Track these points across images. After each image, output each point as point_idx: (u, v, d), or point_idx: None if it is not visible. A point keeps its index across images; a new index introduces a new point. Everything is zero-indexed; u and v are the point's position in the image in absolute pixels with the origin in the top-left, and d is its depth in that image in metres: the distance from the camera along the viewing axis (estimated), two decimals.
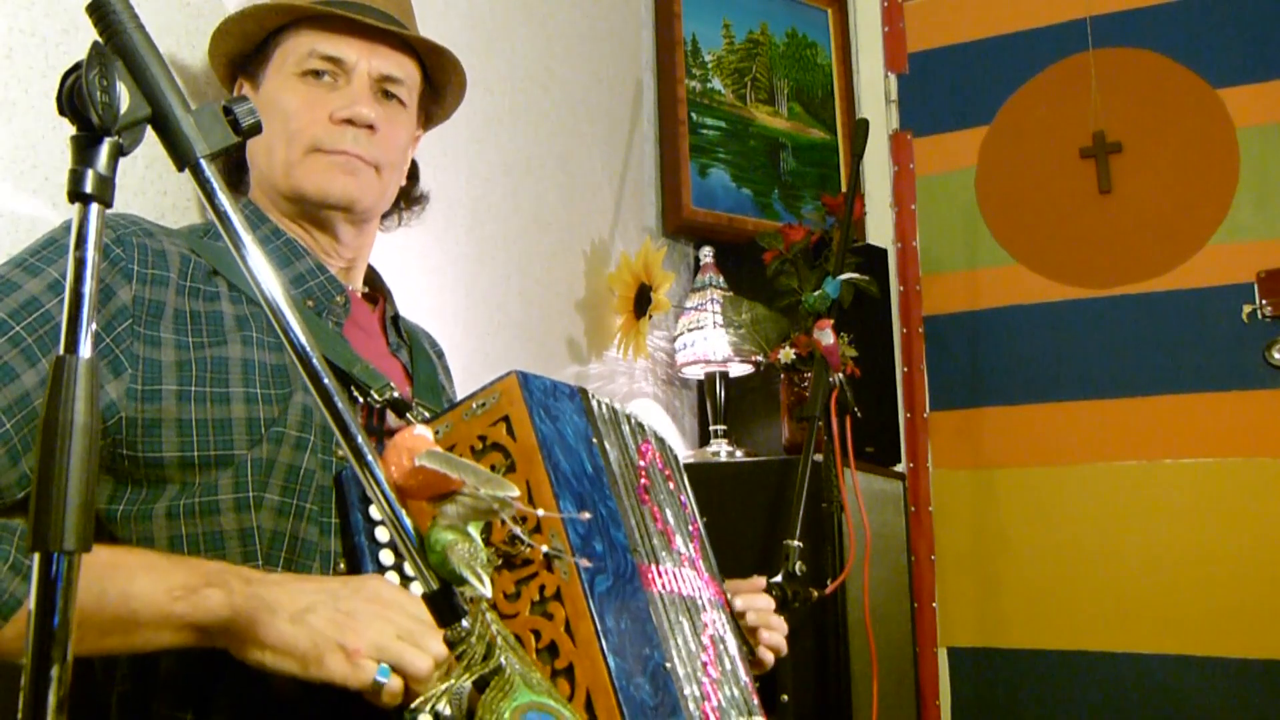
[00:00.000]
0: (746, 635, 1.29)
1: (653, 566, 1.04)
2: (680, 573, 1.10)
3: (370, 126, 1.15)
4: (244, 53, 1.23)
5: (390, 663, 0.83)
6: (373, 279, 1.32)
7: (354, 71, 1.16)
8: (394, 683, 0.83)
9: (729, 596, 1.28)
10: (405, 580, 0.95)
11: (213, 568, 0.88)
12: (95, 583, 0.82)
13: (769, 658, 1.30)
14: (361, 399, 1.06)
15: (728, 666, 1.09)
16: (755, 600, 1.30)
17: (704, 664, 1.04)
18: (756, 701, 1.12)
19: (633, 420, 1.20)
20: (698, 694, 0.99)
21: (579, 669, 0.88)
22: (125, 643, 0.86)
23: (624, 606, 0.94)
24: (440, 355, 1.43)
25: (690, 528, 1.23)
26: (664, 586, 1.04)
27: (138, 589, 0.85)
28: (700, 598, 1.12)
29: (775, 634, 1.29)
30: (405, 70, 1.21)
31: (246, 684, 0.91)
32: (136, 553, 0.90)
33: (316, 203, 1.16)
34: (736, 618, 1.28)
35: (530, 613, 0.91)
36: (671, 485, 1.24)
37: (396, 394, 1.07)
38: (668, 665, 0.95)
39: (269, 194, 1.20)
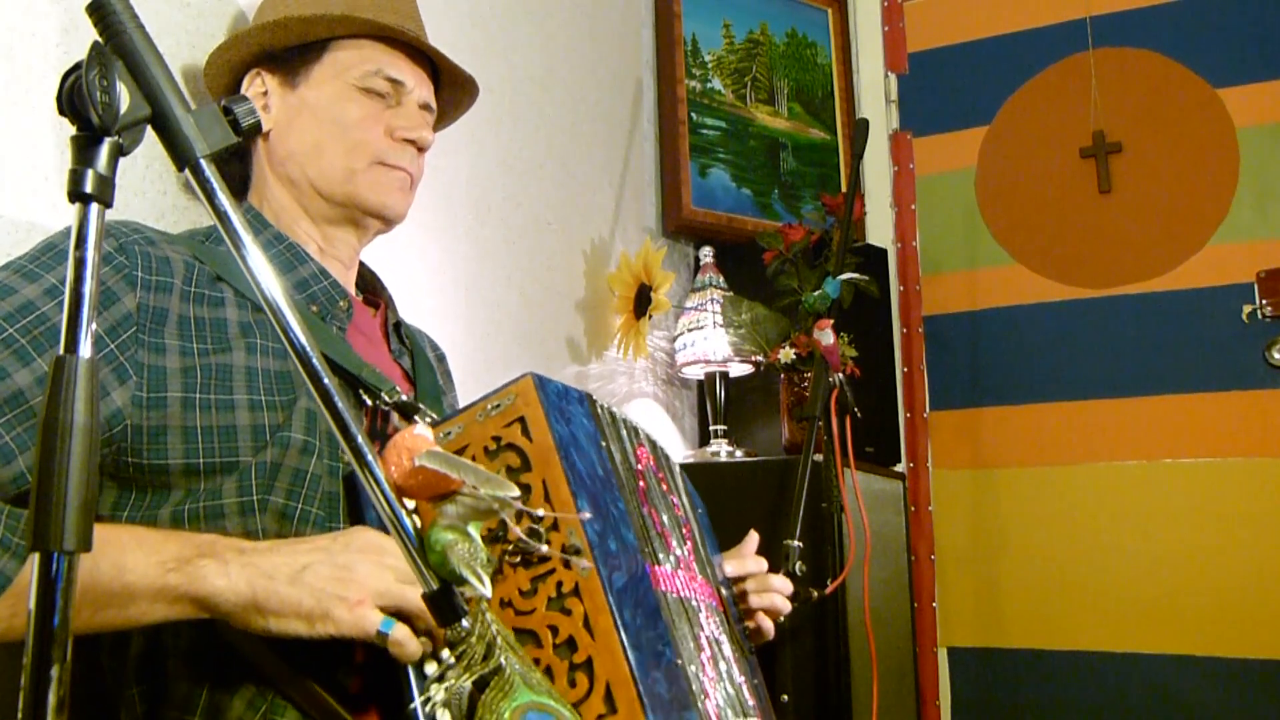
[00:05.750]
0: (741, 606, 1.28)
1: (656, 567, 1.04)
2: (678, 574, 1.11)
3: (421, 148, 1.24)
4: (276, 48, 1.22)
5: (393, 605, 0.85)
6: (373, 283, 1.32)
7: (408, 96, 1.23)
8: (399, 631, 0.84)
9: (723, 570, 1.28)
10: None
11: (205, 539, 0.89)
12: (88, 558, 0.82)
13: (768, 625, 1.30)
14: (371, 401, 1.07)
15: (722, 668, 1.10)
16: (747, 565, 1.30)
17: (703, 663, 1.05)
18: (751, 702, 1.12)
19: (628, 423, 1.20)
20: (701, 692, 0.99)
21: (598, 662, 0.87)
22: (121, 616, 0.85)
23: (639, 603, 0.94)
24: (441, 359, 1.43)
25: (684, 530, 1.23)
26: (666, 586, 1.05)
27: (131, 562, 0.84)
28: (695, 599, 1.12)
29: (770, 596, 1.29)
30: (433, 96, 1.29)
31: (256, 692, 0.92)
32: (127, 528, 0.90)
33: (371, 212, 1.21)
34: (733, 590, 1.28)
35: (547, 609, 0.91)
36: (665, 487, 1.24)
37: (404, 397, 1.07)
38: (679, 662, 0.96)
39: (300, 193, 1.20)
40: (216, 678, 0.93)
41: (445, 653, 0.87)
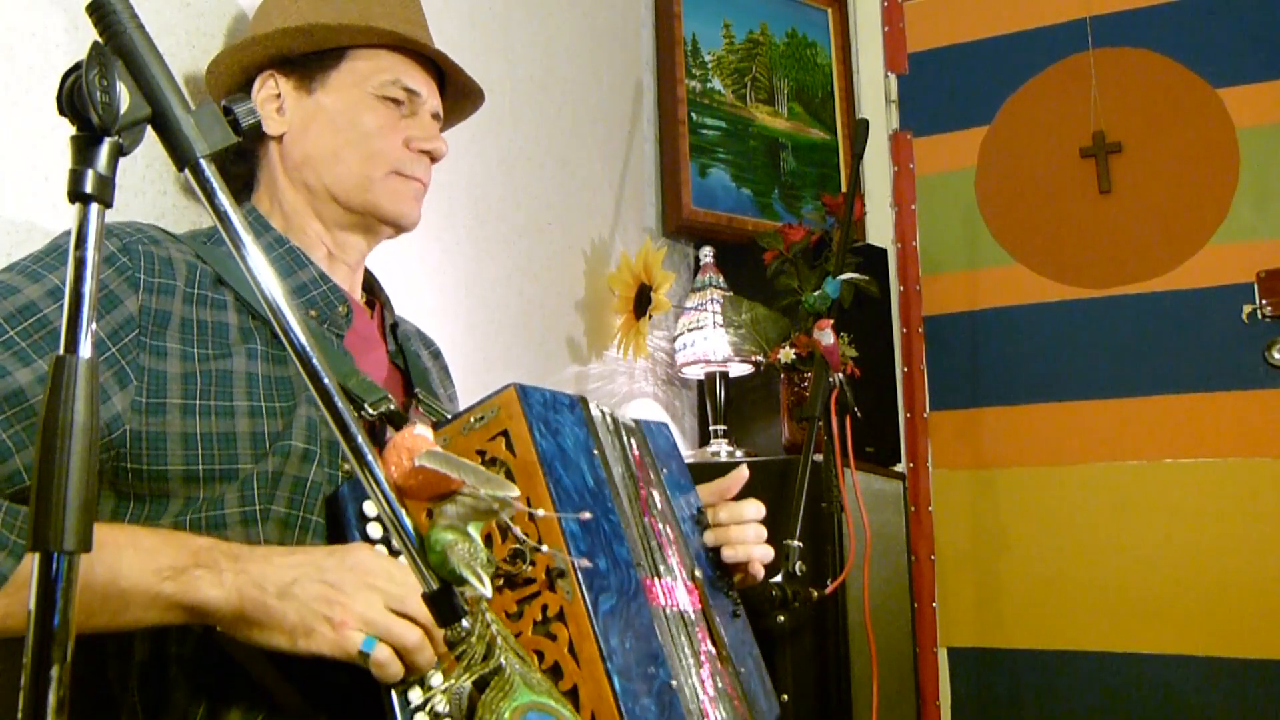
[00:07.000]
0: (725, 549, 1.24)
1: (655, 581, 1.03)
2: (677, 588, 1.10)
3: (435, 159, 1.25)
4: (294, 53, 1.21)
5: (379, 636, 0.84)
6: (370, 283, 1.32)
7: (423, 106, 1.25)
8: (381, 652, 0.83)
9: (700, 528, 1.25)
10: None
11: (202, 545, 0.88)
12: (84, 560, 0.82)
13: (757, 570, 1.28)
14: (356, 414, 1.05)
15: (720, 684, 1.09)
16: (719, 514, 1.27)
17: (701, 681, 1.04)
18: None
19: (629, 425, 1.19)
20: (698, 712, 0.98)
21: (583, 691, 0.87)
22: (114, 621, 0.85)
23: (629, 625, 0.93)
24: (437, 355, 1.43)
25: (685, 527, 1.22)
26: (665, 601, 1.04)
27: (126, 567, 0.84)
28: (691, 613, 1.11)
29: (746, 549, 1.25)
30: (441, 105, 1.30)
31: (251, 705, 0.92)
32: (123, 529, 0.89)
33: (388, 220, 1.22)
34: (709, 526, 1.24)
35: (532, 633, 0.90)
36: (668, 478, 1.22)
37: (393, 407, 1.06)
38: (673, 683, 0.95)
39: (315, 197, 1.20)
40: (215, 688, 0.93)
41: (436, 678, 0.86)
